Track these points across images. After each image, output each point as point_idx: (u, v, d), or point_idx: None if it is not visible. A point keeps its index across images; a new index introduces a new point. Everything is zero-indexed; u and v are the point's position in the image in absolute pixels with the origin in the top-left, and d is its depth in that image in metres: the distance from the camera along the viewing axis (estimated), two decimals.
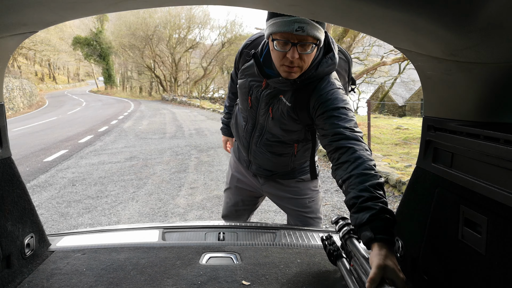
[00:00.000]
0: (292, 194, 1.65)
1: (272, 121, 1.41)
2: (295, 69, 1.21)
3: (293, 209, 1.67)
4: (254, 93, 1.42)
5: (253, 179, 1.70)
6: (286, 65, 1.21)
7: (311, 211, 1.66)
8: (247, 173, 1.71)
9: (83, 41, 38.76)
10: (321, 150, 7.27)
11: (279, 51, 1.19)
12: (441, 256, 0.97)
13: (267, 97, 1.38)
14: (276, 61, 1.24)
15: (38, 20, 0.93)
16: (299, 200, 1.65)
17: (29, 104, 26.88)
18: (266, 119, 1.43)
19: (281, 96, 1.35)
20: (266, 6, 1.03)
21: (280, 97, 1.35)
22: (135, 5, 0.90)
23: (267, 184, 1.67)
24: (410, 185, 1.17)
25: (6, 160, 1.16)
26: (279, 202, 1.72)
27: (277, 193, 1.67)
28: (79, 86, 60.66)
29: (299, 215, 1.67)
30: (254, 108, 1.44)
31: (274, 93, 1.37)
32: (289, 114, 1.35)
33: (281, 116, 1.38)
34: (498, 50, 0.74)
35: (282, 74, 1.25)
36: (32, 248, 1.24)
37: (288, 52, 1.17)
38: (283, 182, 1.65)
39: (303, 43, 1.16)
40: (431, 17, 0.73)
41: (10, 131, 1.26)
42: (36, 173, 6.37)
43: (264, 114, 1.43)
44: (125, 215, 4.24)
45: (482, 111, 0.88)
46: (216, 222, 1.62)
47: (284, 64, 1.21)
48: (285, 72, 1.24)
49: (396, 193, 4.64)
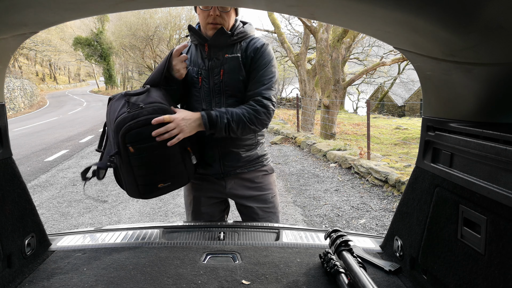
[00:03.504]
0: (258, 190, 1.68)
1: (227, 75, 1.53)
2: (218, 26, 1.48)
3: (258, 206, 1.69)
4: (202, 71, 1.56)
5: (218, 185, 1.68)
6: (210, 23, 1.48)
7: (273, 206, 1.73)
8: (210, 184, 1.69)
9: (84, 42, 38.81)
10: (321, 150, 7.27)
11: (203, 10, 1.46)
12: (440, 255, 0.97)
13: (215, 60, 1.54)
14: (202, 21, 1.51)
15: (39, 21, 0.93)
16: (264, 196, 1.69)
17: (30, 104, 26.90)
18: (220, 79, 1.54)
19: (226, 55, 1.54)
20: (266, 6, 1.04)
21: (225, 56, 1.54)
22: (135, 5, 0.91)
23: (233, 185, 1.67)
24: (410, 185, 1.17)
25: (6, 160, 1.16)
26: (245, 202, 1.70)
27: (243, 193, 1.67)
28: (80, 86, 60.71)
29: (263, 211, 1.69)
30: (206, 80, 1.56)
31: (222, 56, 1.54)
32: (239, 63, 1.53)
33: (234, 68, 1.53)
34: (497, 51, 0.74)
35: (209, 32, 1.51)
36: (32, 248, 1.24)
37: (211, 10, 1.45)
38: (249, 177, 1.66)
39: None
40: (431, 18, 0.74)
41: (11, 131, 1.26)
42: (37, 173, 6.38)
43: (217, 75, 1.54)
44: (125, 214, 4.24)
45: (481, 112, 0.88)
46: (217, 222, 1.62)
47: (209, 22, 1.48)
48: (211, 29, 1.50)
49: (396, 193, 4.65)
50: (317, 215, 4.15)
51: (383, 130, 13.75)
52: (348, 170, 6.07)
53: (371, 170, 5.31)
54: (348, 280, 1.01)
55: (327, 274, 1.13)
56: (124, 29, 31.95)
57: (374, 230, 3.69)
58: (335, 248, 1.17)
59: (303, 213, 4.22)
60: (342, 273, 1.05)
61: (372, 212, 4.18)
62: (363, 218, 4.01)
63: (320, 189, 5.14)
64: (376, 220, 3.94)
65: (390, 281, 1.12)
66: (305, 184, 5.46)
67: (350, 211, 4.24)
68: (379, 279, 1.13)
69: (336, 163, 6.54)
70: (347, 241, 1.18)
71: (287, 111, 20.17)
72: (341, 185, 5.32)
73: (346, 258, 1.09)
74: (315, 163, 6.88)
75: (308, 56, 14.99)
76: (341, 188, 5.17)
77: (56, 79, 57.06)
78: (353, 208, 4.35)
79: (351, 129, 14.51)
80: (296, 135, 9.39)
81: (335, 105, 10.10)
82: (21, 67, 40.05)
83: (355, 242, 1.37)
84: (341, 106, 20.44)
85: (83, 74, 73.07)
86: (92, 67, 53.30)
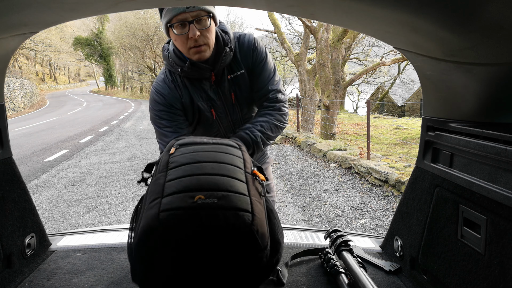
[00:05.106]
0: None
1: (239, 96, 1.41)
2: (202, 47, 1.24)
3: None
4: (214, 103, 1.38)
5: None
6: (193, 47, 1.23)
7: (274, 195, 1.78)
8: None
9: (84, 42, 38.82)
10: (321, 150, 7.27)
11: (180, 34, 1.21)
12: (440, 255, 0.97)
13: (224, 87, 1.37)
14: (182, 47, 1.25)
15: (39, 21, 0.93)
16: (269, 186, 1.72)
17: (30, 104, 26.90)
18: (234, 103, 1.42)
19: (229, 76, 1.36)
20: (266, 7, 1.03)
21: (228, 78, 1.36)
22: (135, 5, 0.91)
23: None
24: (410, 185, 1.17)
25: (7, 160, 1.16)
26: None
27: None
28: (79, 86, 60.72)
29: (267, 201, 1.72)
30: (222, 109, 1.41)
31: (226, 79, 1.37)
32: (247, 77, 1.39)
33: (244, 85, 1.40)
34: (497, 51, 0.74)
35: (194, 57, 1.26)
36: (32, 248, 1.24)
37: (189, 31, 1.19)
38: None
39: (199, 18, 1.20)
40: (431, 18, 0.73)
41: (11, 131, 1.26)
42: (37, 173, 6.38)
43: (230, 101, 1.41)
44: (125, 214, 4.24)
45: (481, 112, 0.88)
46: None
47: (191, 46, 1.23)
48: (195, 54, 1.25)
49: (396, 193, 4.64)
50: (317, 215, 4.15)
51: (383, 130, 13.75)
52: (348, 170, 6.07)
53: (371, 170, 5.31)
54: (348, 280, 1.01)
55: (327, 274, 1.13)
56: (124, 29, 31.95)
57: (374, 230, 3.69)
58: (335, 248, 1.17)
59: (303, 213, 4.22)
60: (342, 273, 1.05)
61: (372, 212, 4.18)
62: (363, 218, 4.01)
63: (320, 189, 5.14)
64: (376, 220, 3.94)
65: (390, 281, 1.12)
66: (305, 184, 5.46)
67: (350, 211, 4.23)
68: (379, 279, 1.13)
69: (336, 163, 6.54)
70: (347, 241, 1.18)
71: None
72: (341, 185, 5.32)
73: (346, 258, 1.09)
74: (315, 163, 6.88)
75: (308, 56, 14.99)
76: (341, 188, 5.17)
77: (56, 79, 57.04)
78: (353, 208, 4.34)
79: (351, 129, 14.51)
80: (296, 135, 9.39)
81: (335, 105, 10.10)
82: (21, 67, 40.04)
83: (355, 242, 1.37)
84: (341, 106, 20.43)
85: (83, 74, 73.05)
86: (92, 67, 53.32)
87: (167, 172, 0.86)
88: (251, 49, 1.37)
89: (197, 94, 1.36)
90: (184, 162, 0.88)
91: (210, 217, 0.75)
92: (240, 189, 0.84)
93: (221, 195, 0.79)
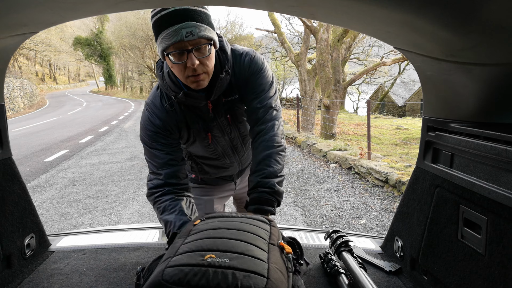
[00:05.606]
0: None
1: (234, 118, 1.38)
2: (201, 76, 1.16)
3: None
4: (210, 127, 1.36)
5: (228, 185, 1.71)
6: (191, 76, 1.15)
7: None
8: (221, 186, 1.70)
9: (84, 42, 38.84)
10: (321, 150, 7.27)
11: (178, 63, 1.13)
12: (440, 256, 0.97)
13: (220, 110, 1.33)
14: (180, 75, 1.17)
15: (39, 21, 0.93)
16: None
17: (30, 104, 26.90)
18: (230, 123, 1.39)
19: (223, 99, 1.31)
20: (266, 7, 1.03)
21: (223, 100, 1.31)
22: (135, 5, 0.90)
23: (241, 181, 1.72)
24: (410, 185, 1.17)
25: (6, 160, 1.16)
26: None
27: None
28: (79, 87, 60.74)
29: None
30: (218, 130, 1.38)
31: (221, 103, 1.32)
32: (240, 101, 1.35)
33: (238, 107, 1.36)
34: (498, 51, 0.74)
35: (192, 86, 1.19)
36: (32, 248, 1.24)
37: (188, 60, 1.11)
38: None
39: (198, 47, 1.12)
40: (431, 18, 0.73)
41: (10, 131, 1.26)
42: (36, 173, 6.38)
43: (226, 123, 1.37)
44: (125, 215, 4.24)
45: (481, 112, 0.88)
46: None
47: (189, 75, 1.15)
48: (193, 83, 1.17)
49: (396, 193, 4.64)
50: (317, 215, 4.15)
51: (384, 130, 13.76)
52: (348, 170, 6.06)
53: (372, 171, 5.31)
54: (348, 281, 1.01)
55: (327, 275, 1.13)
56: (124, 29, 31.96)
57: (375, 231, 3.69)
58: (336, 248, 1.17)
59: (303, 214, 4.21)
60: (342, 273, 1.05)
61: (373, 212, 4.18)
62: (364, 219, 4.01)
63: (320, 190, 5.14)
64: (376, 220, 3.94)
65: (390, 281, 1.11)
66: (305, 184, 5.45)
67: (350, 212, 4.23)
68: (379, 279, 1.12)
69: (337, 164, 6.54)
70: (348, 241, 1.18)
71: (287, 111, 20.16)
72: (341, 185, 5.32)
73: (346, 258, 1.09)
74: (315, 163, 6.88)
75: (308, 56, 14.99)
76: (341, 188, 5.17)
77: (56, 79, 57.06)
78: (354, 208, 4.34)
79: (351, 129, 14.52)
80: (296, 135, 9.39)
81: (335, 105, 10.10)
82: (21, 67, 40.06)
83: (355, 242, 1.37)
84: (341, 106, 20.44)
85: (83, 74, 73.08)
86: (92, 67, 53.34)
87: (186, 238, 0.86)
88: (248, 65, 1.31)
89: (193, 119, 1.32)
90: (205, 228, 0.87)
91: (218, 275, 0.71)
92: (258, 255, 0.78)
93: (234, 256, 0.75)
